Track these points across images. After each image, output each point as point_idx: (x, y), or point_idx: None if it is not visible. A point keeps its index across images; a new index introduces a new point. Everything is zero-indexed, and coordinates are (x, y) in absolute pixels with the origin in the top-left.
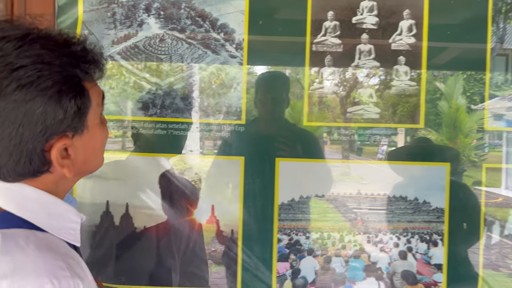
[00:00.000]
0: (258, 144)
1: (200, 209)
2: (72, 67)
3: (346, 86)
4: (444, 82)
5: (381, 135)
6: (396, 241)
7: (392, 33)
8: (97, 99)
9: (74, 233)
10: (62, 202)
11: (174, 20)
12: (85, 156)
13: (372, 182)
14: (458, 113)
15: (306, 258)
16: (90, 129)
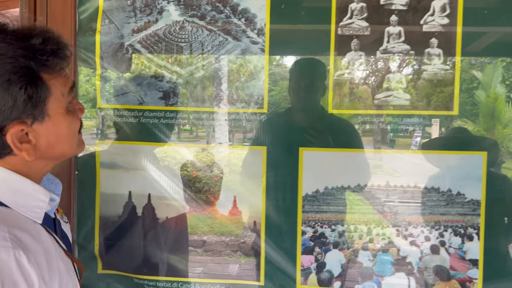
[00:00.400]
0: (281, 133)
1: (222, 200)
2: (26, 59)
3: (374, 72)
4: (481, 70)
5: (414, 125)
6: (428, 234)
7: (424, 13)
8: (61, 89)
9: (39, 211)
10: (31, 183)
11: (194, 7)
12: (48, 142)
13: (402, 173)
14: (497, 102)
15: (332, 251)
16: (53, 117)
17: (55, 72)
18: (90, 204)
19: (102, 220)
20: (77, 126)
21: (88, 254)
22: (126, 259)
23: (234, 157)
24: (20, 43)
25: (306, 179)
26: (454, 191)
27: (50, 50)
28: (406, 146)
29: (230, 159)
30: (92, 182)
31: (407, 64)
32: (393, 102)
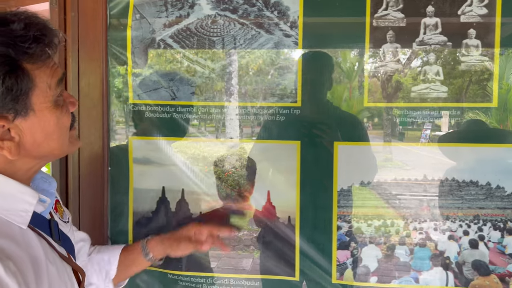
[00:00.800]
0: (315, 127)
1: (255, 195)
2: (4, 46)
3: (410, 64)
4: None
5: (452, 117)
6: (466, 229)
7: (461, 4)
8: (48, 81)
9: (25, 214)
10: (16, 183)
11: (225, 0)
12: (34, 139)
13: (440, 167)
14: (509, 94)
15: (368, 246)
16: (38, 111)
17: (40, 61)
18: (124, 200)
19: (136, 216)
20: (67, 122)
21: None
22: None
23: (267, 152)
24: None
25: (341, 174)
26: (494, 184)
27: (32, 37)
28: (442, 139)
29: (263, 154)
30: (125, 178)
31: (444, 55)
32: (430, 95)
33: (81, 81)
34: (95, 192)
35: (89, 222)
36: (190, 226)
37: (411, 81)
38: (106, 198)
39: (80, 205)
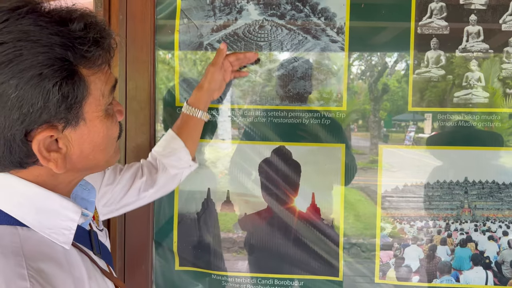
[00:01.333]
0: (360, 130)
1: (300, 197)
2: (63, 49)
3: (453, 70)
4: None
5: (492, 122)
6: (506, 229)
7: (503, 13)
8: (101, 88)
9: (68, 233)
10: (58, 197)
11: (273, 6)
12: (82, 150)
13: (479, 169)
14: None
15: (410, 246)
16: (89, 121)
17: (96, 66)
18: (169, 201)
19: (181, 217)
20: (116, 132)
21: (166, 251)
22: (205, 255)
23: (312, 155)
24: (56, 28)
25: (386, 176)
26: None
27: (92, 39)
28: (482, 142)
29: (308, 156)
30: None
31: (486, 62)
32: (472, 100)
33: (128, 84)
34: None
35: (134, 223)
36: (208, 76)
37: (454, 87)
38: None
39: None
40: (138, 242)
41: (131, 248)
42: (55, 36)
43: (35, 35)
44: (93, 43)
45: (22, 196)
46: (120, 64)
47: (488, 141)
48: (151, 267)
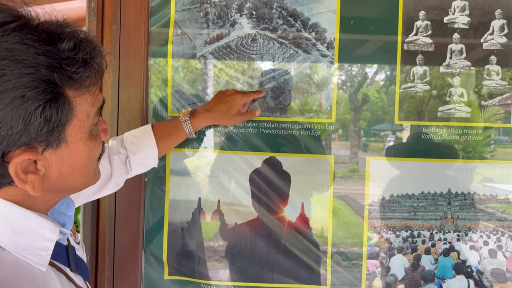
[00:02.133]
0: (348, 143)
1: (289, 207)
2: (49, 70)
3: (437, 86)
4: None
5: (477, 136)
6: (486, 239)
7: (484, 32)
8: (87, 110)
9: (44, 254)
10: (35, 215)
11: (266, 20)
12: (60, 172)
13: (463, 181)
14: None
15: (396, 256)
16: (71, 143)
17: (83, 87)
18: (159, 211)
19: (171, 226)
20: (97, 154)
21: (155, 261)
22: (194, 264)
23: (302, 165)
24: (44, 47)
25: (373, 187)
26: (511, 199)
27: (81, 60)
28: (465, 155)
29: (297, 167)
30: (162, 189)
31: (468, 79)
32: (455, 115)
33: (121, 94)
34: (131, 203)
35: (123, 232)
36: (230, 101)
37: (438, 102)
38: (142, 208)
39: (116, 214)
40: (127, 251)
41: (120, 257)
42: (42, 56)
43: (20, 54)
44: (82, 64)
45: None
46: (113, 74)
47: (470, 154)
48: (140, 276)
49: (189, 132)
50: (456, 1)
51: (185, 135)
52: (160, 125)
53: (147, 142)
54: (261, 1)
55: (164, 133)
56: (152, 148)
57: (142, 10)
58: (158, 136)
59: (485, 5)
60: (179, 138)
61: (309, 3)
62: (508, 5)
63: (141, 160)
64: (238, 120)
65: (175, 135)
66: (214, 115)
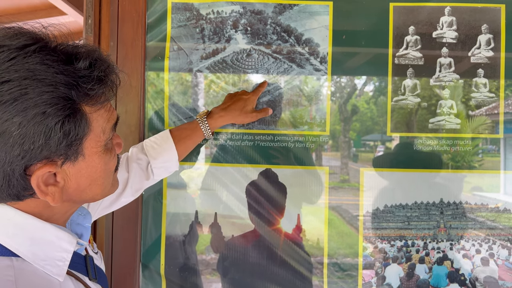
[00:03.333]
0: (343, 154)
1: (286, 218)
2: (67, 87)
3: (427, 98)
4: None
5: (465, 146)
6: (478, 247)
7: (471, 46)
8: (103, 125)
9: (62, 264)
10: (54, 227)
11: (260, 36)
12: (78, 184)
13: (455, 190)
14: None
15: (391, 265)
16: (88, 157)
17: (99, 103)
18: (156, 224)
19: (168, 239)
20: (113, 166)
21: (153, 274)
22: (192, 277)
23: (297, 177)
24: (62, 67)
25: (367, 198)
26: (501, 207)
27: (96, 77)
28: (461, 167)
29: (293, 179)
30: (159, 202)
31: (457, 91)
32: (445, 126)
33: (118, 108)
34: (128, 217)
35: (121, 246)
36: (245, 99)
37: (429, 114)
38: (139, 221)
39: (114, 228)
40: (125, 265)
41: (118, 271)
42: (60, 75)
43: (40, 74)
44: (97, 81)
45: (16, 227)
46: None
47: (459, 163)
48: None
49: (207, 132)
50: (444, 17)
51: (202, 136)
52: (178, 128)
53: (166, 146)
54: (255, 17)
55: (182, 136)
56: (171, 151)
57: (139, 26)
58: (176, 140)
59: (471, 20)
60: (197, 140)
61: (302, 19)
62: (494, 20)
63: (162, 164)
64: (253, 117)
65: (192, 136)
66: (231, 114)
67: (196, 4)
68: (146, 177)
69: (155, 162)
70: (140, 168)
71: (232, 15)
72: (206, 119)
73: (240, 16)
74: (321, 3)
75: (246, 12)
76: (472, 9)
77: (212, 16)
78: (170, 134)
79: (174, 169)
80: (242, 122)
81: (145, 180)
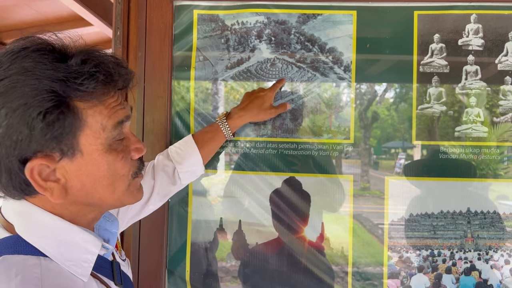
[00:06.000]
0: (367, 163)
1: (309, 227)
2: (52, 81)
3: (453, 106)
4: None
5: (492, 155)
6: (507, 258)
7: (498, 54)
8: (102, 122)
9: (87, 265)
10: (81, 230)
11: (284, 45)
12: (82, 183)
13: (482, 200)
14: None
15: (417, 275)
16: (86, 154)
17: (94, 99)
18: (182, 230)
19: (193, 246)
20: (123, 169)
21: (178, 280)
22: (216, 284)
23: (321, 185)
24: (54, 64)
25: (392, 207)
26: None
27: (87, 73)
28: (486, 175)
29: (317, 187)
30: (184, 209)
31: (484, 99)
32: (472, 134)
33: (146, 118)
34: (155, 224)
35: (148, 251)
36: (262, 96)
37: (455, 122)
38: (165, 228)
39: (140, 235)
40: (151, 270)
41: (144, 276)
42: (50, 70)
43: (31, 70)
44: (88, 77)
45: (46, 228)
46: (138, 99)
47: (484, 171)
48: None
49: (227, 133)
50: (470, 24)
51: (224, 137)
52: (200, 132)
53: (190, 150)
54: (279, 27)
55: (205, 139)
56: (195, 155)
57: (166, 38)
58: (199, 143)
59: (498, 28)
60: (219, 141)
61: (326, 29)
62: None
63: (188, 168)
64: (272, 113)
65: (215, 138)
66: (250, 112)
67: (222, 15)
68: (173, 182)
69: (180, 167)
70: (167, 174)
71: (257, 26)
72: (226, 120)
73: (264, 26)
74: (345, 12)
75: (270, 22)
76: (499, 16)
77: (237, 27)
78: (193, 138)
79: (200, 172)
80: (261, 119)
81: (172, 186)
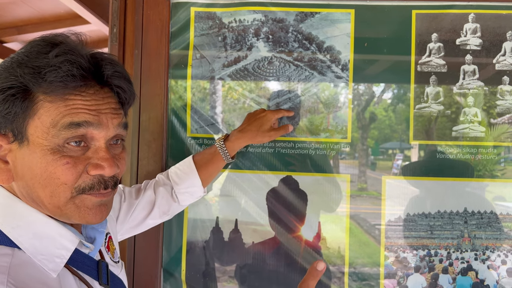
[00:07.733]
0: (365, 162)
1: (306, 226)
2: (18, 67)
3: (450, 106)
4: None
5: (492, 155)
6: (504, 258)
7: (496, 53)
8: (55, 118)
9: (59, 261)
10: (58, 224)
11: (282, 43)
12: (22, 174)
13: (479, 200)
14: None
15: (413, 275)
16: (31, 144)
17: (56, 94)
18: (178, 230)
19: (189, 245)
20: (63, 176)
21: (174, 280)
22: (212, 283)
23: (318, 185)
24: (38, 54)
25: (389, 207)
26: None
27: (51, 65)
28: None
29: (314, 186)
30: None
31: (481, 99)
32: (470, 134)
33: (142, 116)
34: None
35: (143, 251)
36: (261, 118)
37: (452, 122)
38: (161, 227)
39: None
40: (147, 270)
41: (140, 276)
42: (31, 58)
43: (20, 55)
44: (52, 70)
45: (21, 218)
46: None
47: (481, 172)
48: None
49: (226, 156)
50: (468, 24)
51: (224, 161)
52: (200, 154)
53: (188, 171)
54: (277, 25)
55: (204, 161)
56: (193, 176)
57: (163, 35)
58: (198, 165)
59: (496, 27)
60: (219, 164)
61: (323, 27)
62: None
63: (185, 189)
64: (272, 136)
65: (213, 161)
66: (248, 134)
67: (219, 12)
68: (173, 199)
69: (178, 187)
70: (167, 192)
71: (254, 24)
72: (224, 142)
73: (262, 24)
74: (342, 11)
75: (268, 21)
76: (497, 16)
77: (234, 25)
78: (193, 159)
79: (200, 194)
80: (260, 142)
81: (173, 203)
